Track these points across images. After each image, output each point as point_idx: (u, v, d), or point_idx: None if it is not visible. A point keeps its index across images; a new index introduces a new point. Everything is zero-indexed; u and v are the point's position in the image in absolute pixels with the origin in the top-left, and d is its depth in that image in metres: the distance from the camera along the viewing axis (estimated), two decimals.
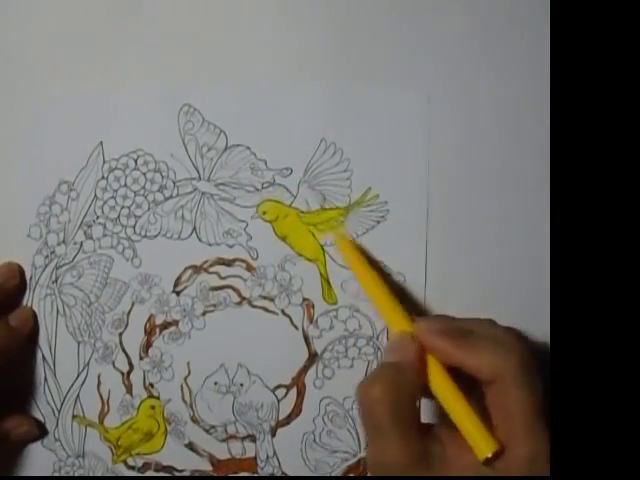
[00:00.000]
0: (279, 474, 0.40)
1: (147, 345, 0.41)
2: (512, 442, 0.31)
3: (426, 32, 0.40)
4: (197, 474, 0.41)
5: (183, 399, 0.41)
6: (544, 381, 0.32)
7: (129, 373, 0.41)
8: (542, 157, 0.39)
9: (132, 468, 0.41)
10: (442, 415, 0.36)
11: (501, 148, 0.39)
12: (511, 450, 0.31)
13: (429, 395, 0.35)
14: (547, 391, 0.31)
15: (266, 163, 0.40)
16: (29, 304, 0.41)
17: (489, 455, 0.31)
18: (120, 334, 0.41)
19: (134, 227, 0.41)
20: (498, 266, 0.39)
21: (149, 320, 0.41)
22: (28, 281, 0.41)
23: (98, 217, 0.41)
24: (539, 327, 0.38)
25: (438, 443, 0.33)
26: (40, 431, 0.41)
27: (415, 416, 0.34)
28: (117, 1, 0.41)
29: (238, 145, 0.41)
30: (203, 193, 0.41)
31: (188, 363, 0.41)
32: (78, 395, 0.41)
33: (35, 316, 0.41)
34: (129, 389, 0.41)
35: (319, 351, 0.40)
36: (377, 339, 0.40)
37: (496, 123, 0.39)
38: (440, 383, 0.34)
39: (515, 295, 0.39)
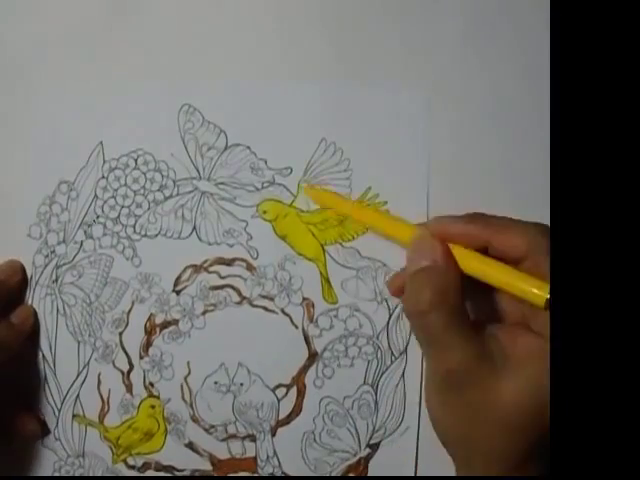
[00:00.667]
0: (279, 474, 0.40)
1: (147, 344, 0.41)
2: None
3: (426, 32, 0.40)
4: (197, 474, 0.41)
5: (183, 398, 0.41)
6: None
7: (129, 372, 0.41)
8: (542, 157, 0.39)
9: (132, 468, 0.41)
10: None
11: (501, 148, 0.40)
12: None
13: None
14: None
15: (266, 162, 0.40)
16: (29, 303, 0.41)
17: (547, 296, 0.31)
18: (120, 333, 0.41)
19: (134, 226, 0.41)
20: None
21: (149, 319, 0.41)
22: (28, 280, 0.41)
23: (98, 216, 0.41)
24: None
25: (492, 338, 0.33)
26: (44, 430, 0.41)
27: (467, 315, 0.33)
28: (117, 1, 0.41)
29: (238, 145, 0.41)
30: (203, 192, 0.41)
31: (188, 362, 0.41)
32: (78, 394, 0.41)
33: (36, 314, 0.41)
34: (129, 388, 0.41)
35: (319, 350, 0.40)
36: (377, 338, 0.40)
37: (496, 123, 0.40)
38: (474, 262, 0.34)
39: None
